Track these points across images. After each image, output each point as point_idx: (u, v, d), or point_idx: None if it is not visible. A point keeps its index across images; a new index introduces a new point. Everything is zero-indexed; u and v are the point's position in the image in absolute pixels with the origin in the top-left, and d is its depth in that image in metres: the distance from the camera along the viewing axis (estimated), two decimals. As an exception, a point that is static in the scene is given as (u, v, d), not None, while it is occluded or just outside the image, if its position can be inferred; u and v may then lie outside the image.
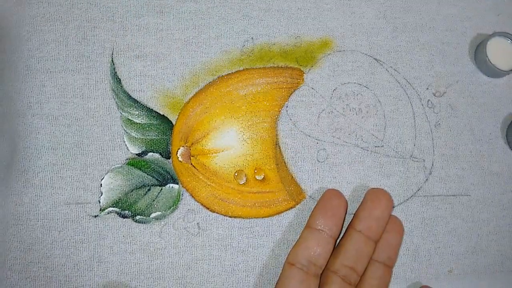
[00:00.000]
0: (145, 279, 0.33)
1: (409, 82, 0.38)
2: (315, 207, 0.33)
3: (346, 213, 0.34)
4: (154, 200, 0.34)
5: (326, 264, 0.32)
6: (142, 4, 0.37)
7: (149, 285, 0.33)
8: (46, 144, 0.34)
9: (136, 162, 0.35)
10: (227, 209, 0.34)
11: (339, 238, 0.34)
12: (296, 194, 0.35)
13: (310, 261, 0.32)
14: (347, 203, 0.34)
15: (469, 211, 0.36)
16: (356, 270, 0.32)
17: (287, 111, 0.36)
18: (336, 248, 0.33)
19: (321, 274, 0.32)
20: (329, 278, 0.32)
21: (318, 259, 0.32)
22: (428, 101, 0.38)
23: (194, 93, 0.36)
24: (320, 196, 0.34)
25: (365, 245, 0.32)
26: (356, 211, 0.34)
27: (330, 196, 0.33)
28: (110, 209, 0.34)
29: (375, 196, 0.34)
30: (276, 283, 0.32)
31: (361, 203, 0.34)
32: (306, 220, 0.34)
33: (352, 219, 0.34)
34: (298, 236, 0.33)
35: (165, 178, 0.35)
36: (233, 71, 0.37)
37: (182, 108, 0.36)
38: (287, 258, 0.32)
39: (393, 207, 0.35)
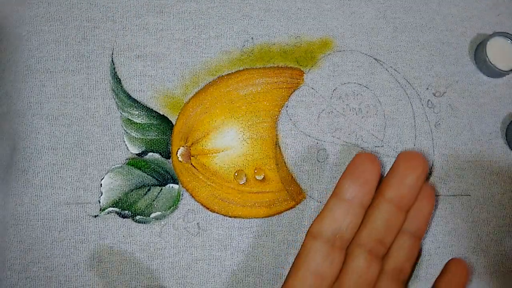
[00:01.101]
0: (145, 279, 0.33)
1: (409, 82, 0.38)
2: (344, 172, 0.29)
3: (381, 182, 0.30)
4: (154, 200, 0.34)
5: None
6: (142, 4, 0.37)
7: (149, 285, 0.33)
8: (46, 144, 0.34)
9: (136, 162, 0.35)
10: (227, 209, 0.34)
11: None
12: (296, 194, 0.35)
13: (336, 233, 0.28)
14: (381, 168, 0.30)
15: (469, 211, 0.36)
16: (384, 243, 0.29)
17: (287, 111, 0.36)
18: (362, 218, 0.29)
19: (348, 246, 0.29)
20: (355, 251, 0.29)
21: (345, 232, 0.28)
22: (428, 101, 0.38)
23: (194, 93, 0.36)
24: (321, 196, 0.34)
25: (395, 216, 0.29)
26: (385, 177, 0.30)
27: (362, 160, 0.29)
28: (110, 209, 0.34)
29: (409, 160, 0.29)
30: (297, 256, 0.29)
31: (391, 167, 0.30)
32: (306, 220, 0.34)
33: (381, 185, 0.30)
34: (298, 236, 0.33)
35: (165, 178, 0.35)
36: (233, 71, 0.37)
37: (182, 108, 0.36)
38: (309, 229, 0.29)
39: (429, 172, 0.32)
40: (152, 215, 0.34)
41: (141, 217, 0.34)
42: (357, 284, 0.28)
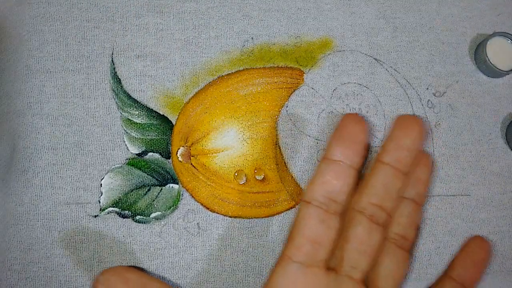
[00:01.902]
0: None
1: (409, 82, 0.38)
2: (331, 135, 0.29)
3: (368, 140, 0.30)
4: (154, 200, 0.34)
5: (351, 203, 0.28)
6: (142, 4, 0.37)
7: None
8: (46, 144, 0.34)
9: (136, 162, 0.35)
10: (227, 209, 0.34)
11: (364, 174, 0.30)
12: (296, 194, 0.35)
13: (329, 197, 0.27)
14: (368, 128, 0.30)
15: (469, 211, 0.36)
16: (385, 208, 0.28)
17: (287, 111, 0.36)
18: (361, 184, 0.29)
19: (346, 213, 0.28)
20: (355, 218, 0.28)
21: (338, 194, 0.27)
22: (428, 101, 0.38)
23: (194, 93, 0.36)
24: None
25: (394, 179, 0.28)
26: (383, 143, 0.30)
27: (348, 121, 0.28)
28: (110, 209, 0.34)
29: (405, 123, 0.29)
30: (292, 226, 0.28)
31: (389, 132, 0.30)
32: (306, 220, 0.34)
33: (379, 152, 0.29)
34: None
35: (165, 178, 0.35)
36: (233, 71, 0.37)
37: (182, 108, 0.36)
38: (302, 196, 0.28)
39: (426, 134, 0.31)
40: (152, 215, 0.34)
41: (141, 217, 0.34)
42: (359, 252, 0.27)
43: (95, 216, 0.34)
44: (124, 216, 0.34)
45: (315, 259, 0.27)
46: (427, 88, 0.38)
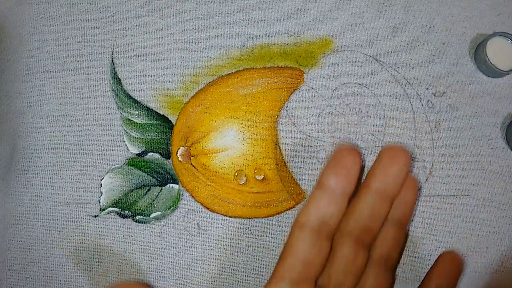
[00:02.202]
0: (145, 279, 0.33)
1: (409, 82, 0.38)
2: (326, 164, 0.30)
3: (361, 170, 0.31)
4: (154, 200, 0.34)
5: (338, 225, 0.29)
6: (142, 4, 0.37)
7: (149, 285, 0.33)
8: (46, 144, 0.34)
9: (136, 162, 0.35)
10: (227, 209, 0.34)
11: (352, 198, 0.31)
12: (296, 194, 0.35)
13: (321, 222, 0.29)
14: (362, 158, 0.31)
15: (469, 211, 0.36)
16: (370, 232, 0.30)
17: (287, 111, 0.36)
18: (348, 208, 0.30)
19: (335, 235, 0.30)
20: (341, 239, 0.29)
21: (330, 220, 0.29)
22: (428, 101, 0.38)
23: (194, 93, 0.36)
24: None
25: (380, 205, 0.30)
26: (370, 169, 0.31)
27: (343, 152, 0.30)
28: (110, 209, 0.34)
29: (392, 152, 0.30)
30: (285, 246, 0.29)
31: (376, 159, 0.31)
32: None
33: (366, 177, 0.31)
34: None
35: (165, 178, 0.35)
36: (233, 71, 0.37)
37: (182, 108, 0.36)
38: (295, 219, 0.29)
39: (411, 163, 0.33)
40: (152, 215, 0.34)
41: (141, 217, 0.34)
42: (345, 272, 0.29)
43: (95, 216, 0.34)
44: (124, 216, 0.34)
45: (305, 278, 0.28)
46: (427, 88, 0.38)
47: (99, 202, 0.34)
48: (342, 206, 0.29)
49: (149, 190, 0.34)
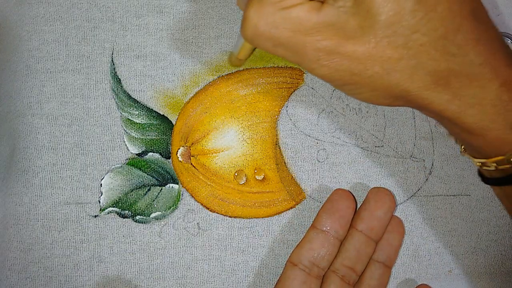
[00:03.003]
0: (145, 279, 0.33)
1: (409, 82, 0.38)
2: (322, 206, 0.33)
3: (354, 215, 0.34)
4: (154, 200, 0.34)
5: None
6: (142, 4, 0.37)
7: (149, 285, 0.33)
8: (46, 144, 0.34)
9: (136, 162, 0.35)
10: (227, 209, 0.34)
11: None
12: (296, 194, 0.35)
13: (313, 262, 0.32)
14: (356, 204, 0.34)
15: (469, 211, 0.36)
16: (356, 270, 0.32)
17: (287, 111, 0.36)
18: None
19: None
20: (329, 277, 0.32)
21: (321, 261, 0.32)
22: (428, 101, 0.38)
23: (194, 93, 0.36)
24: (321, 195, 0.34)
25: (365, 246, 0.32)
26: (357, 210, 0.34)
27: (339, 197, 0.33)
28: (110, 209, 0.34)
29: (378, 195, 0.34)
30: (277, 282, 0.32)
31: (363, 202, 0.34)
32: (306, 220, 0.34)
33: (353, 218, 0.34)
34: (298, 236, 0.33)
35: (165, 178, 0.35)
36: (233, 71, 0.37)
37: (182, 108, 0.36)
38: (289, 257, 0.32)
39: (396, 206, 0.35)
40: (152, 215, 0.34)
41: (141, 217, 0.34)
42: None
43: (95, 216, 0.34)
44: (124, 216, 0.34)
45: None
46: (427, 88, 0.38)
47: (99, 202, 0.34)
48: (334, 248, 0.32)
49: (149, 190, 0.34)
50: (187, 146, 0.35)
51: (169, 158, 0.35)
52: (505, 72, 0.23)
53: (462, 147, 0.28)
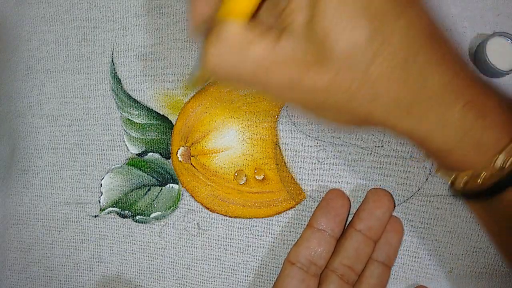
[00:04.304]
0: (145, 279, 0.33)
1: (409, 82, 0.38)
2: (317, 206, 0.34)
3: (349, 214, 0.34)
4: (154, 200, 0.34)
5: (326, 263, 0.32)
6: (142, 4, 0.37)
7: (149, 285, 0.33)
8: (46, 144, 0.34)
9: (136, 162, 0.35)
10: (227, 209, 0.34)
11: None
12: (296, 194, 0.35)
13: (310, 261, 0.32)
14: (350, 203, 0.34)
15: (469, 211, 0.36)
16: (355, 270, 0.32)
17: (287, 111, 0.36)
18: (335, 246, 0.33)
19: (322, 272, 0.32)
20: (327, 276, 0.32)
21: (318, 259, 0.32)
22: (428, 101, 0.38)
23: (194, 93, 0.36)
24: (321, 196, 0.34)
25: (364, 245, 0.33)
26: (356, 211, 0.34)
27: (333, 196, 0.34)
28: (110, 209, 0.34)
29: (377, 196, 0.34)
30: (275, 282, 0.32)
31: (362, 202, 0.34)
32: (306, 220, 0.34)
33: (352, 218, 0.34)
34: (298, 236, 0.33)
35: (165, 178, 0.35)
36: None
37: (182, 108, 0.36)
38: (287, 256, 0.32)
39: (394, 207, 0.35)
40: (152, 215, 0.34)
41: (141, 217, 0.34)
42: None
43: (95, 216, 0.34)
44: (124, 216, 0.34)
45: None
46: (427, 88, 0.38)
47: (99, 202, 0.34)
48: (330, 247, 0.32)
49: (149, 190, 0.34)
50: (187, 146, 0.35)
51: (169, 158, 0.35)
52: (468, 92, 0.23)
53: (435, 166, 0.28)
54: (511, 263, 0.29)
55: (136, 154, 0.35)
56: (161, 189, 0.34)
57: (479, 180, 0.25)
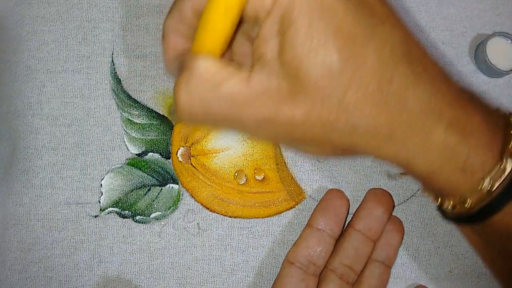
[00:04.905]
0: (145, 279, 0.33)
1: (409, 82, 0.38)
2: (316, 206, 0.34)
3: (348, 213, 0.34)
4: (154, 200, 0.34)
5: (326, 262, 0.32)
6: (142, 4, 0.37)
7: (149, 285, 0.33)
8: (46, 144, 0.34)
9: (136, 162, 0.35)
10: (227, 209, 0.34)
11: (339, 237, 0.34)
12: (296, 194, 0.35)
13: (309, 260, 0.32)
14: (349, 203, 0.34)
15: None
16: (354, 269, 0.32)
17: (287, 111, 0.36)
18: (335, 246, 0.33)
19: (321, 272, 0.33)
20: (327, 276, 0.32)
21: (318, 259, 0.32)
22: (428, 101, 0.38)
23: (194, 93, 0.36)
24: (321, 196, 0.34)
25: (364, 245, 0.33)
26: (356, 211, 0.34)
27: (332, 196, 0.34)
28: (110, 209, 0.34)
29: (376, 196, 0.34)
30: (275, 281, 0.32)
31: (361, 202, 0.34)
32: (306, 220, 0.34)
33: (352, 218, 0.34)
34: (298, 236, 0.33)
35: (165, 178, 0.35)
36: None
37: (182, 108, 0.36)
38: (286, 256, 0.33)
39: (394, 207, 0.35)
40: (152, 215, 0.34)
41: (141, 217, 0.34)
42: None
43: (95, 216, 0.34)
44: (124, 216, 0.34)
45: None
46: (427, 88, 0.38)
47: (99, 202, 0.34)
48: (329, 247, 0.32)
49: (149, 190, 0.34)
50: (187, 146, 0.35)
51: (169, 158, 0.35)
52: (450, 113, 0.22)
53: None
54: (507, 286, 0.28)
55: (136, 154, 0.35)
56: (161, 189, 0.34)
57: (466, 205, 0.24)
